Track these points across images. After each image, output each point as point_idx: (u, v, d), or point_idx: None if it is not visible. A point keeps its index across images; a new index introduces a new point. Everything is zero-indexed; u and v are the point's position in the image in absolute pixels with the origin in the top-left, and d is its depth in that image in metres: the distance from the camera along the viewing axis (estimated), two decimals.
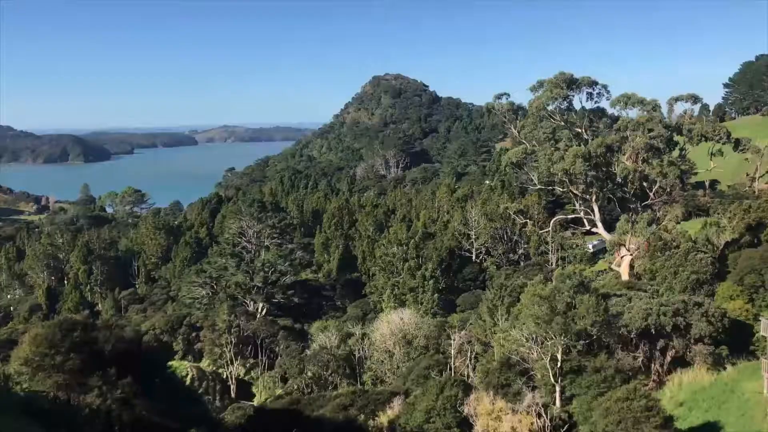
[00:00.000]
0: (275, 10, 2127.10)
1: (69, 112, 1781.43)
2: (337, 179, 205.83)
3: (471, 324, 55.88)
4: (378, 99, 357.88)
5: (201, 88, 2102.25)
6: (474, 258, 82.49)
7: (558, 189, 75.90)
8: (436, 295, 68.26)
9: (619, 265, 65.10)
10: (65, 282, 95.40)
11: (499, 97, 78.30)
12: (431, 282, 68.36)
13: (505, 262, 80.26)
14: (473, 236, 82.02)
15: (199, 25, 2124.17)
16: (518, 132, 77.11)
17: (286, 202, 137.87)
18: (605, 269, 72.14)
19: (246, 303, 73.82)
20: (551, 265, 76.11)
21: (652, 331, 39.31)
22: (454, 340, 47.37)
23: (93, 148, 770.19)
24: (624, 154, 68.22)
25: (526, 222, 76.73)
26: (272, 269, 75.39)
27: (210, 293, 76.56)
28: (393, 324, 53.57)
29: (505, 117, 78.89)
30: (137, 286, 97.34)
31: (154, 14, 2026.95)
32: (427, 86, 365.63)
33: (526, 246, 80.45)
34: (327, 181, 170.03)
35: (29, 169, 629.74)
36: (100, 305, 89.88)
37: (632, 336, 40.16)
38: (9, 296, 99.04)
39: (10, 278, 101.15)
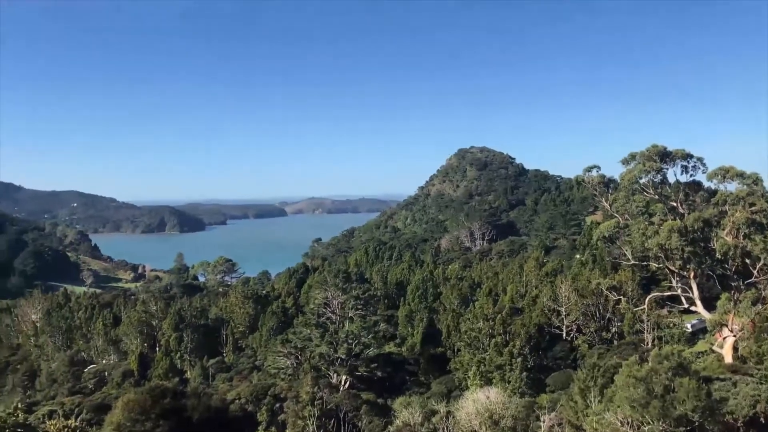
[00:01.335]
0: (357, 86, 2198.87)
1: (167, 185, 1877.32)
2: (422, 251, 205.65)
3: (561, 405, 53.18)
4: (463, 171, 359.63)
5: (290, 161, 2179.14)
6: (564, 335, 79.47)
7: (653, 265, 73.12)
8: (524, 373, 65.74)
9: (721, 347, 61.22)
10: (157, 348, 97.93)
11: (589, 169, 77.03)
12: (519, 360, 66.03)
13: (598, 340, 76.84)
14: (563, 313, 79.24)
15: (287, 105, 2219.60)
16: (610, 205, 75.28)
17: (371, 273, 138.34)
18: (706, 351, 67.91)
19: (329, 375, 73.36)
20: (647, 344, 72.23)
21: (762, 420, 36.40)
22: (544, 422, 45.22)
23: (188, 219, 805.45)
24: (723, 230, 65.11)
25: (620, 299, 73.89)
26: (356, 341, 74.96)
27: (294, 364, 76.61)
28: (479, 403, 51.67)
29: (596, 190, 77.38)
30: (225, 355, 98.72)
31: (241, 99, 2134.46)
32: (513, 158, 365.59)
33: (619, 324, 76.90)
34: (411, 253, 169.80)
35: (129, 238, 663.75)
36: (188, 372, 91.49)
37: (739, 424, 37.19)
38: (104, 361, 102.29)
39: (106, 343, 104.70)
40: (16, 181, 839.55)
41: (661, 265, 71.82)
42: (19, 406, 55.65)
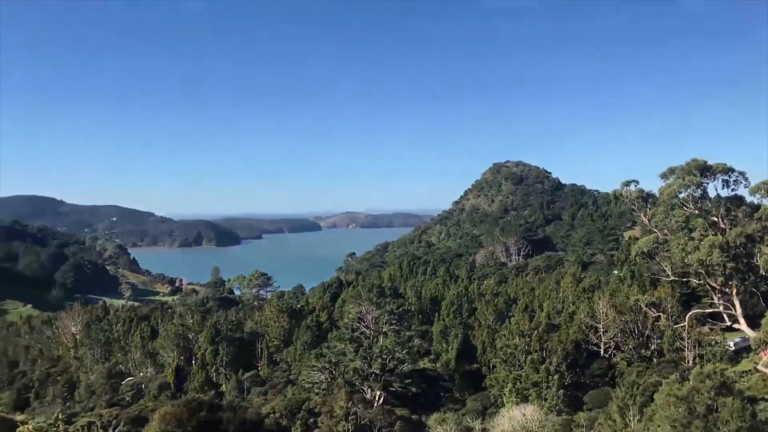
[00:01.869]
0: (390, 101, 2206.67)
1: (203, 200, 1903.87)
2: (456, 266, 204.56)
3: (600, 424, 52.17)
4: (498, 186, 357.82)
5: (324, 176, 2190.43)
6: (602, 352, 77.99)
7: (693, 281, 71.63)
8: (561, 390, 64.65)
9: (766, 366, 59.47)
10: (193, 361, 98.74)
11: (627, 184, 76.13)
12: (556, 377, 64.99)
13: (636, 357, 75.23)
14: (601, 329, 77.82)
15: (321, 120, 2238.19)
16: (648, 220, 74.14)
17: (405, 287, 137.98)
18: (750, 370, 65.97)
19: (363, 390, 73.06)
20: (687, 363, 70.50)
21: None
22: None
23: (224, 233, 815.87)
24: (767, 245, 63.48)
25: (659, 315, 72.41)
26: (390, 356, 74.60)
27: (329, 378, 76.51)
28: (515, 420, 50.99)
29: (634, 204, 76.33)
30: (260, 368, 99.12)
31: (276, 115, 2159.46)
32: (549, 173, 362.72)
33: (659, 341, 75.21)
34: (446, 268, 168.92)
35: (166, 252, 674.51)
36: (224, 386, 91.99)
37: None
38: (141, 373, 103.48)
39: (144, 356, 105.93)
40: (58, 196, 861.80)
41: (702, 282, 70.32)
42: (60, 416, 56.70)
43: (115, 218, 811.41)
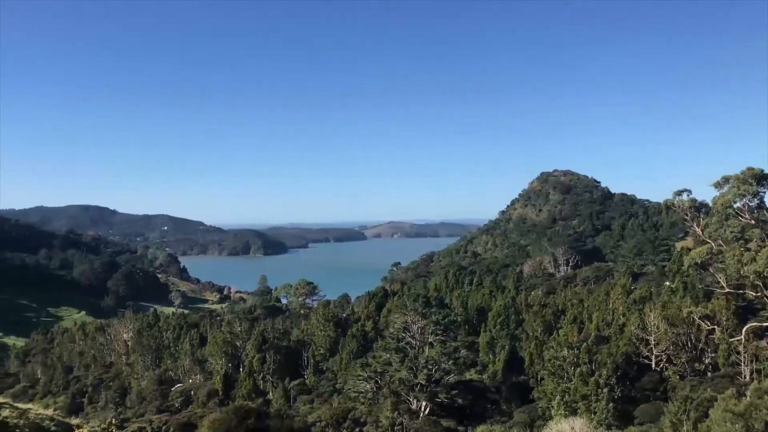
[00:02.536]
0: (437, 109, 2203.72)
1: (252, 209, 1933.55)
2: (503, 276, 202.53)
3: None
4: (546, 195, 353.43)
5: (370, 186, 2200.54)
6: (653, 366, 76.14)
7: (750, 293, 69.34)
8: (611, 404, 63.27)
9: None
10: (240, 369, 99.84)
11: (679, 193, 74.20)
12: (606, 390, 63.64)
13: (690, 371, 73.20)
14: (652, 342, 75.98)
15: (367, 130, 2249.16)
16: (701, 230, 72.14)
17: (450, 298, 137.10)
18: None
19: (409, 400, 72.72)
20: (744, 377, 68.32)
21: None
22: None
23: (272, 242, 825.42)
24: None
25: (713, 329, 70.40)
26: (436, 367, 74.11)
27: (374, 388, 76.43)
28: None
29: (687, 214, 74.37)
30: (306, 377, 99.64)
31: (322, 125, 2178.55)
32: (598, 182, 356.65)
33: (713, 355, 73.07)
34: (492, 278, 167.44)
35: (215, 260, 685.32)
36: (271, 394, 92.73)
37: None
38: (190, 380, 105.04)
39: (193, 363, 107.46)
40: (111, 206, 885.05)
41: (759, 294, 68.05)
42: (113, 422, 57.92)
43: (166, 227, 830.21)
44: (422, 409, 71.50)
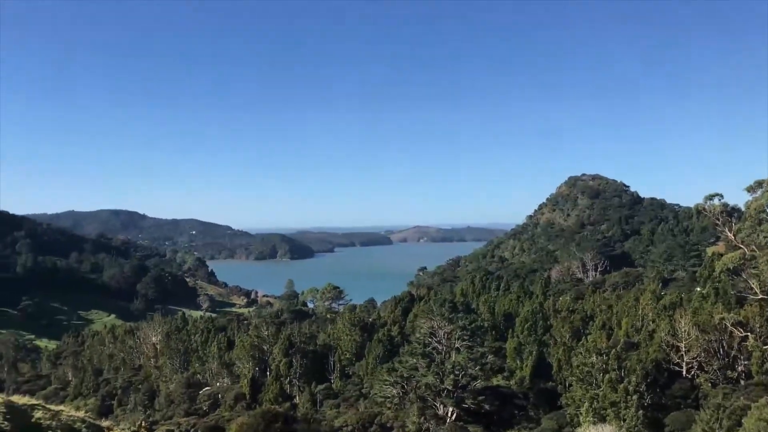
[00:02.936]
0: (462, 114, 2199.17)
1: (279, 213, 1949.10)
2: (530, 281, 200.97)
3: None
4: (574, 200, 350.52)
5: (396, 191, 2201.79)
6: (684, 373, 74.90)
7: None
8: (640, 411, 62.29)
9: None
10: (267, 373, 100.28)
11: (710, 197, 73.04)
12: (635, 397, 62.71)
13: (722, 379, 71.84)
14: (683, 349, 74.75)
15: (394, 134, 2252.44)
16: (734, 235, 70.95)
17: (477, 303, 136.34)
18: None
19: (436, 406, 72.49)
20: None
21: None
22: None
23: (298, 246, 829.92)
24: None
25: (747, 335, 69.07)
26: (463, 372, 73.76)
27: (401, 393, 76.27)
28: None
29: (718, 219, 73.21)
30: (332, 381, 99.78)
31: (346, 130, 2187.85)
32: (627, 186, 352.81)
33: (746, 362, 71.65)
34: (519, 283, 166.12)
35: (242, 264, 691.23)
36: (297, 398, 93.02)
37: None
38: (218, 383, 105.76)
39: (220, 366, 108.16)
40: (141, 210, 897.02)
41: None
42: (143, 424, 58.54)
43: (194, 232, 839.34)
44: (449, 414, 71.19)
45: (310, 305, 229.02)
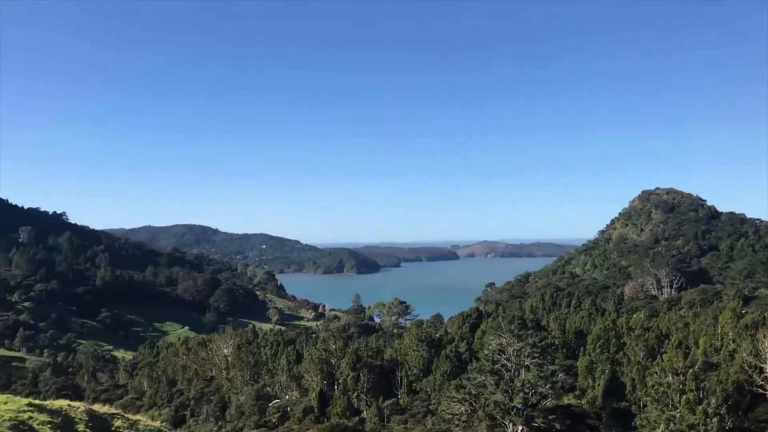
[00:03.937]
0: (533, 131, 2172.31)
1: (346, 228, 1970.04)
2: (603, 298, 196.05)
3: None
4: (648, 214, 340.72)
5: (462, 205, 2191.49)
6: None
7: None
8: None
9: None
10: (335, 387, 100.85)
11: None
12: (715, 420, 60.10)
13: None
14: (767, 370, 71.40)
15: (462, 148, 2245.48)
16: None
17: (547, 320, 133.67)
18: None
19: (505, 424, 71.29)
20: None
21: None
22: None
23: (365, 261, 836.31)
24: None
25: None
26: (532, 390, 72.35)
27: (469, 410, 75.37)
28: None
29: None
30: (399, 397, 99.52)
31: (417, 146, 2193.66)
32: (704, 200, 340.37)
33: None
34: (591, 300, 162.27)
35: (310, 278, 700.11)
36: (365, 412, 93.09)
37: None
38: (287, 396, 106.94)
39: (289, 379, 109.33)
40: (214, 225, 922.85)
41: None
42: None
43: (264, 246, 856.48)
44: None
45: (377, 319, 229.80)
